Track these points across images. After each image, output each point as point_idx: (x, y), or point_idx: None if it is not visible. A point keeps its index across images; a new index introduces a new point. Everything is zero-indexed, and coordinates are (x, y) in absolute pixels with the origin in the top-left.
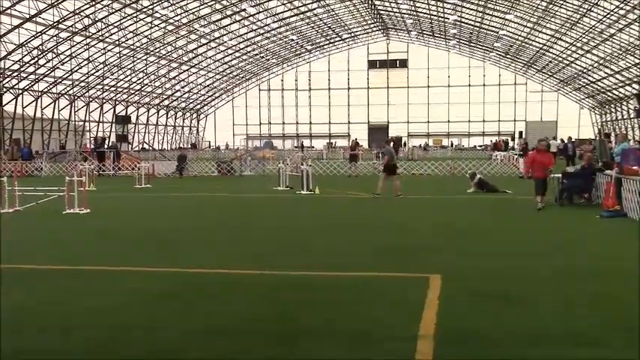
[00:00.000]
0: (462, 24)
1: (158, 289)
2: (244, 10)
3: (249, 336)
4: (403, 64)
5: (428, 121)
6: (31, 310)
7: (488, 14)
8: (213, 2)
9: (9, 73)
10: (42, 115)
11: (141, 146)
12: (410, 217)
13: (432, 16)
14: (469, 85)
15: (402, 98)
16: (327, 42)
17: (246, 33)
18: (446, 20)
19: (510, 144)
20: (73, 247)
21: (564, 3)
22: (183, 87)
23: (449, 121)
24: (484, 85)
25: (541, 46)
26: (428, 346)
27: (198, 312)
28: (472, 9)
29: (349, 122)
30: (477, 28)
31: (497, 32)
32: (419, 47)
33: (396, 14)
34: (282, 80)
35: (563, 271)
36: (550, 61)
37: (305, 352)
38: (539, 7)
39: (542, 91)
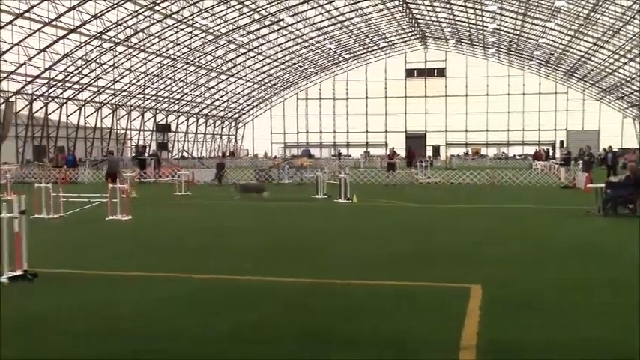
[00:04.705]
0: (501, 32)
1: (192, 294)
2: (282, 19)
3: (283, 343)
4: (441, 72)
5: (466, 130)
6: (65, 314)
7: (528, 22)
8: (252, 12)
9: (54, 83)
10: (85, 123)
11: (180, 154)
12: (449, 225)
13: (470, 25)
14: (508, 94)
15: (440, 107)
16: (365, 51)
17: (285, 42)
18: (485, 29)
19: (551, 153)
20: (114, 252)
21: (606, 11)
22: (222, 96)
23: (487, 130)
24: (524, 93)
25: (582, 54)
26: (470, 356)
27: (228, 318)
28: (511, 17)
29: (386, 131)
30: (517, 37)
31: (537, 40)
32: (457, 56)
33: (434, 23)
34: (320, 89)
35: (607, 282)
36: (591, 70)
37: (342, 357)
38: (581, 15)
39: (583, 100)
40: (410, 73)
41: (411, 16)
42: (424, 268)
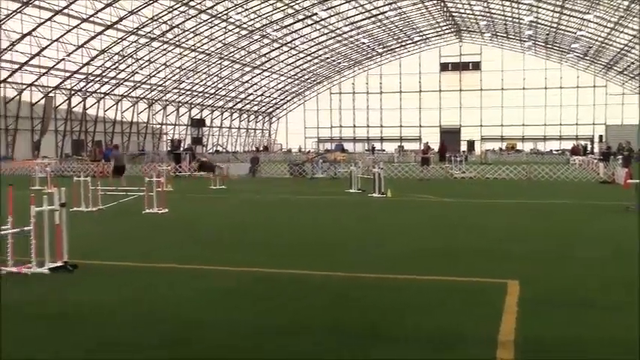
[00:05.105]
0: (538, 25)
1: (231, 286)
2: (316, 14)
3: (322, 336)
4: (476, 66)
5: (502, 125)
6: (103, 304)
7: (565, 14)
8: (286, 7)
9: (92, 78)
10: (122, 117)
11: (215, 148)
12: (485, 220)
13: (506, 18)
14: (545, 88)
15: (475, 101)
16: (399, 45)
17: (318, 37)
18: (521, 21)
19: (589, 148)
20: (151, 244)
21: None
22: (255, 90)
23: (524, 125)
24: (561, 87)
25: (622, 47)
26: (508, 352)
27: (270, 310)
28: (549, 9)
29: (420, 125)
30: (554, 29)
31: (575, 33)
32: (492, 49)
33: (469, 16)
34: (354, 83)
35: None
36: (632, 63)
37: (381, 355)
38: (621, 6)
39: (623, 93)
40: (444, 67)
41: (445, 9)
42: (462, 263)
